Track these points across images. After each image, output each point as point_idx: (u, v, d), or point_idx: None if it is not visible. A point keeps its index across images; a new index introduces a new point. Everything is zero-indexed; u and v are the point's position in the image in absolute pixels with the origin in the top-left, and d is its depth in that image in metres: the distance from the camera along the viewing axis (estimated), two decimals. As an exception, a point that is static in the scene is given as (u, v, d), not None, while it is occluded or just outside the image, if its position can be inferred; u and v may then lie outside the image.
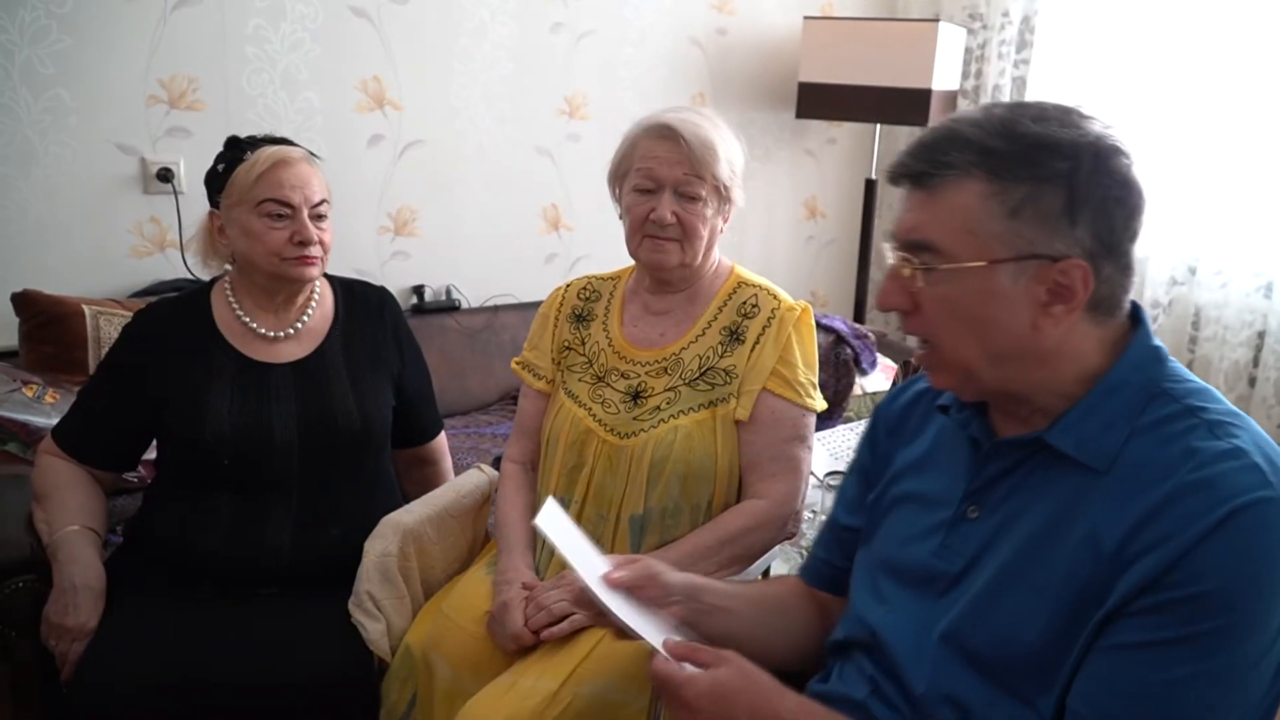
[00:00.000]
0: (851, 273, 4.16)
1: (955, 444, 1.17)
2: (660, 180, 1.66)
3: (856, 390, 3.08)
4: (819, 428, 2.37)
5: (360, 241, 3.09)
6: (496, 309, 3.28)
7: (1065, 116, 1.01)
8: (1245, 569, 0.91)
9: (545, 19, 3.30)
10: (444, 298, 3.24)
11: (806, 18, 3.62)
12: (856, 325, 3.23)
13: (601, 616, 1.50)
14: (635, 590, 1.24)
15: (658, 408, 1.69)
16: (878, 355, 3.17)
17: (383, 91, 3.03)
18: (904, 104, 3.43)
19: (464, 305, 3.25)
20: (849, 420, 2.99)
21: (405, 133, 3.10)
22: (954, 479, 1.14)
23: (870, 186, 3.89)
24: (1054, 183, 0.97)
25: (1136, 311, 1.07)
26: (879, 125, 3.80)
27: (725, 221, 1.73)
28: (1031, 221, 0.97)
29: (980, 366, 1.04)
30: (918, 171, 1.03)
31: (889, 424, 1.30)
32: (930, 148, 1.02)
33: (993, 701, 1.02)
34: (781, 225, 4.07)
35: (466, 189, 3.26)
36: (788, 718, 1.02)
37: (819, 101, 3.61)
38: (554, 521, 1.32)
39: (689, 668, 1.09)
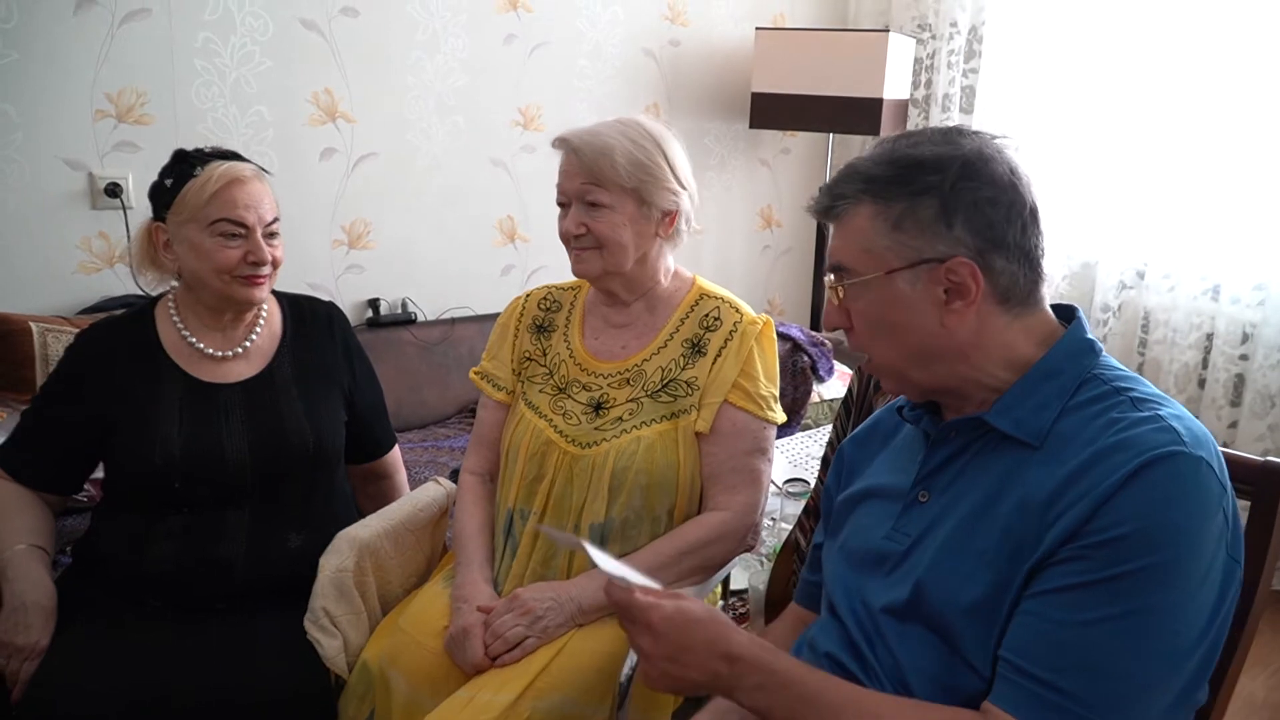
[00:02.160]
0: (808, 281, 4.19)
1: (912, 441, 1.26)
2: (566, 194, 1.70)
3: (814, 398, 3.10)
4: (777, 435, 2.37)
5: (314, 255, 3.06)
6: (453, 321, 3.27)
7: (943, 136, 1.13)
8: (1157, 515, 0.97)
9: (498, 31, 3.30)
10: (400, 311, 3.22)
11: (758, 28, 3.65)
12: (813, 333, 3.26)
13: (549, 632, 1.56)
14: None
15: (620, 419, 1.69)
16: (835, 363, 3.20)
17: (334, 104, 3.01)
18: (856, 113, 3.46)
19: (420, 318, 3.24)
20: (807, 428, 3.01)
21: (358, 145, 3.08)
22: (910, 472, 1.21)
23: (825, 196, 3.91)
24: (927, 195, 1.09)
25: (1073, 312, 1.17)
26: (832, 134, 3.84)
27: (667, 229, 1.71)
28: (912, 231, 1.10)
29: (907, 368, 1.15)
30: (824, 207, 1.17)
31: (857, 438, 1.38)
32: (832, 185, 1.17)
33: (936, 663, 1.09)
34: (738, 235, 4.10)
35: (421, 201, 3.25)
36: (736, 650, 1.07)
37: (772, 111, 3.64)
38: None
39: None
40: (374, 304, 3.18)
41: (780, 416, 1.73)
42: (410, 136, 3.18)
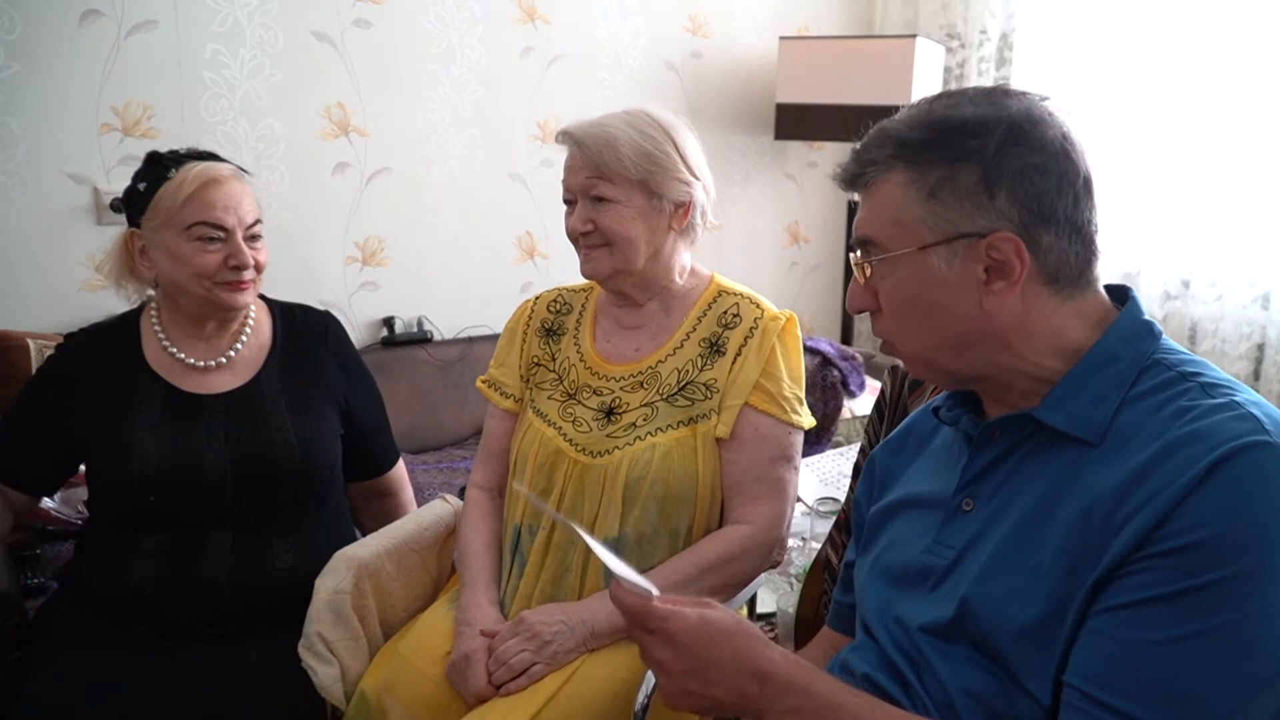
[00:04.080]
0: (837, 299, 4.08)
1: (952, 445, 1.13)
2: (572, 190, 1.61)
3: (845, 413, 2.98)
4: (807, 452, 2.24)
5: (326, 272, 2.98)
6: (470, 340, 3.18)
7: (985, 96, 1.02)
8: (1241, 516, 0.84)
9: (515, 43, 3.23)
10: (415, 329, 3.13)
11: (782, 38, 3.56)
12: (843, 347, 3.14)
13: (558, 658, 1.45)
14: None
15: (633, 424, 1.57)
16: (866, 377, 3.07)
17: (347, 118, 2.94)
18: (884, 122, 3.35)
19: (436, 337, 3.15)
20: (838, 445, 2.88)
21: (371, 160, 3.00)
22: (951, 478, 1.09)
23: (853, 210, 3.81)
24: (967, 161, 0.97)
25: (1126, 292, 1.06)
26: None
27: (681, 221, 1.60)
28: (949, 201, 0.98)
29: (939, 355, 1.03)
30: (853, 174, 1.06)
31: (890, 444, 1.26)
32: (860, 150, 1.05)
33: (988, 689, 0.96)
34: (764, 250, 3.98)
35: (437, 217, 3.16)
36: (768, 667, 0.95)
37: (797, 122, 3.54)
38: None
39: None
40: (389, 322, 3.09)
41: (807, 420, 1.61)
42: (425, 151, 3.11)
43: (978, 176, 0.96)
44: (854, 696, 0.96)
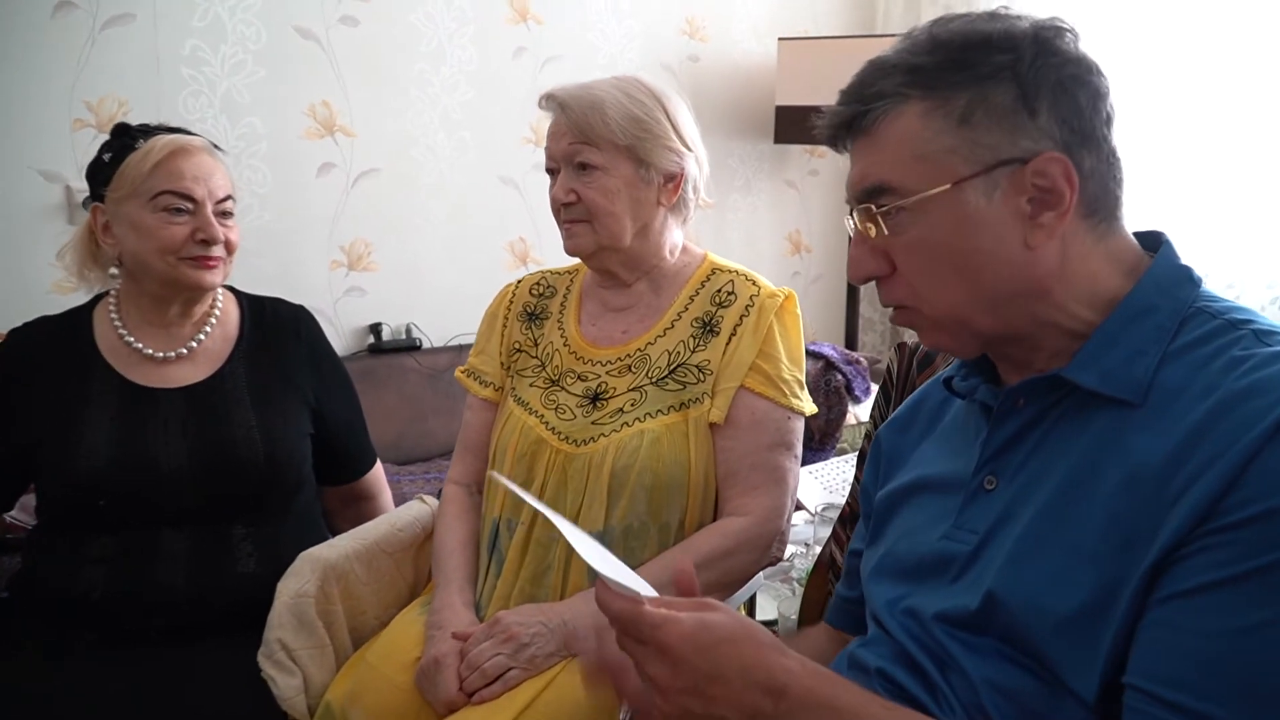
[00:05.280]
0: (840, 310, 3.96)
1: (968, 419, 1.01)
2: (554, 157, 1.50)
3: (850, 419, 2.86)
4: (810, 459, 2.13)
5: (311, 277, 2.87)
6: (460, 348, 3.06)
7: (990, 17, 0.91)
8: None
9: (508, 43, 3.14)
10: (403, 336, 3.03)
11: (781, 39, 3.48)
12: (847, 351, 3.03)
13: (536, 662, 1.33)
14: None
15: (620, 410, 1.46)
16: (871, 383, 2.95)
17: (333, 117, 2.85)
18: (887, 123, 3.26)
19: (425, 344, 3.05)
20: (843, 451, 2.77)
21: (358, 161, 2.90)
22: (969, 455, 0.96)
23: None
24: (998, 78, 0.86)
25: (1159, 238, 0.94)
26: (862, 151, 3.64)
27: (671, 196, 1.50)
28: (985, 125, 0.86)
29: (974, 312, 0.90)
30: (850, 116, 0.91)
31: (897, 422, 1.15)
32: (857, 87, 0.92)
33: (1022, 686, 0.84)
34: (765, 260, 3.87)
35: (426, 221, 3.06)
36: (783, 678, 0.80)
37: (797, 125, 3.43)
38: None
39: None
40: (376, 329, 2.99)
41: (808, 406, 1.50)
42: (415, 153, 3.01)
43: (1014, 93, 0.86)
44: (889, 711, 0.83)
